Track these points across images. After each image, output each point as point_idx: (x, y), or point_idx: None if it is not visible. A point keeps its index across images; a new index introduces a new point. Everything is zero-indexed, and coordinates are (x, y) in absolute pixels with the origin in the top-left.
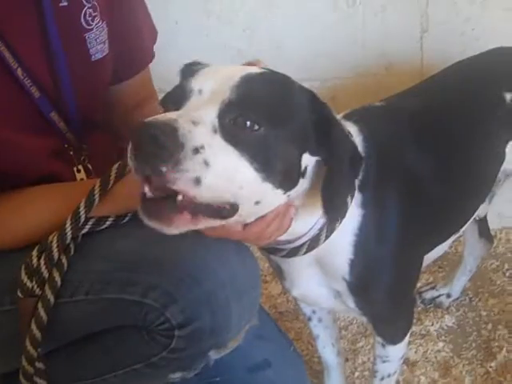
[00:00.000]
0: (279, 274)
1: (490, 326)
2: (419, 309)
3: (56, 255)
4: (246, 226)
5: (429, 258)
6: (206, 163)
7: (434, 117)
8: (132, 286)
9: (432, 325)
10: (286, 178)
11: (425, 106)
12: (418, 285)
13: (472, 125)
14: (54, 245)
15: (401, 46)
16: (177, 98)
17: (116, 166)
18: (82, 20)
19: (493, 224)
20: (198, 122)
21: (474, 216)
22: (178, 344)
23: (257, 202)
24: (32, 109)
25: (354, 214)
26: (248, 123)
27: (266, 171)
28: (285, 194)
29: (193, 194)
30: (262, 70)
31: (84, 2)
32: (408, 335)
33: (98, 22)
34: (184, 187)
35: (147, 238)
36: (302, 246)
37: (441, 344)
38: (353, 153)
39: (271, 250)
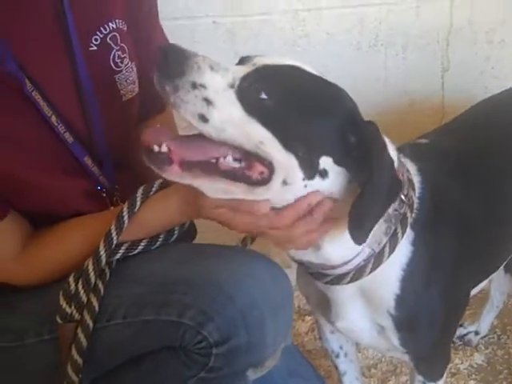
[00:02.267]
0: (323, 305)
1: None
2: None
3: (93, 279)
4: (275, 212)
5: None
6: (208, 102)
7: (478, 155)
8: (167, 306)
9: (462, 363)
10: (302, 159)
11: (467, 144)
12: None
13: (509, 161)
14: (90, 268)
15: (422, 85)
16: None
17: (142, 188)
18: (112, 63)
19: None
20: (217, 69)
21: None
22: (216, 363)
23: (284, 182)
24: (66, 154)
25: (404, 250)
26: (262, 93)
27: (278, 136)
28: (304, 180)
29: (201, 129)
30: (318, 74)
31: (112, 45)
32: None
33: (127, 63)
34: (190, 118)
35: (178, 259)
36: (346, 274)
37: (472, 382)
38: (392, 181)
39: (316, 275)
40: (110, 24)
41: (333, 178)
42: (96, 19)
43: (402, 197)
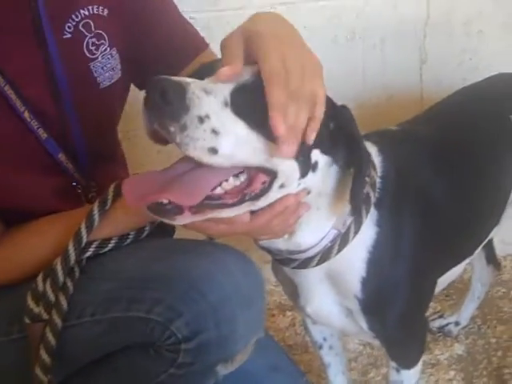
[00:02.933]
0: (294, 292)
1: (500, 353)
2: (428, 338)
3: (61, 278)
4: (252, 216)
5: (443, 281)
6: (216, 132)
7: (446, 141)
8: (137, 303)
9: (442, 354)
10: (301, 161)
11: (438, 131)
12: (426, 314)
13: (483, 148)
14: (59, 268)
15: (400, 78)
16: (204, 72)
17: (113, 185)
18: (85, 50)
19: (497, 251)
20: (210, 92)
21: (487, 238)
22: (185, 358)
23: (282, 185)
24: (39, 150)
25: (368, 230)
26: (258, 104)
27: None
28: (299, 179)
29: (211, 162)
30: None
31: (85, 32)
32: (421, 360)
33: (105, 50)
34: (199, 154)
35: (149, 255)
36: (314, 257)
37: (452, 373)
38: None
39: (284, 261)
40: (81, 11)
41: (321, 170)
42: (68, 6)
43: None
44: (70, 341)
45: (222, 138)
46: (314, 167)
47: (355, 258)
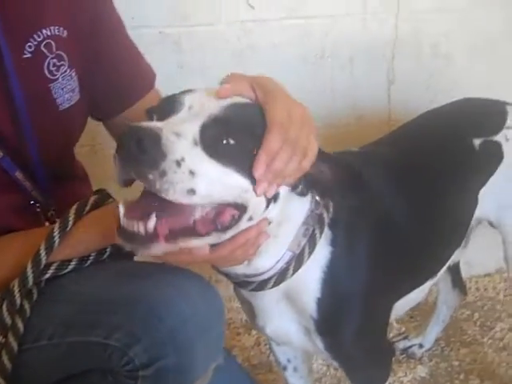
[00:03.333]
0: (251, 312)
1: (462, 376)
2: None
3: (18, 301)
4: (213, 248)
5: (407, 303)
6: (192, 173)
7: (407, 163)
8: (95, 328)
9: (405, 375)
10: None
11: (399, 153)
12: (391, 335)
13: (445, 171)
14: (16, 290)
15: (369, 98)
16: (166, 110)
17: (75, 207)
18: (46, 71)
19: (462, 273)
20: (181, 134)
21: (449, 261)
22: None
23: (250, 218)
24: None
25: (323, 250)
26: (226, 141)
27: (253, 179)
28: (264, 210)
29: (190, 203)
30: (253, 102)
31: (47, 52)
32: None
33: (65, 71)
34: (178, 197)
35: (110, 278)
36: (270, 278)
37: None
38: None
39: (241, 284)
40: (43, 31)
41: (281, 199)
42: (29, 26)
43: (317, 198)
44: (26, 364)
45: (198, 178)
46: (275, 198)
47: (310, 278)
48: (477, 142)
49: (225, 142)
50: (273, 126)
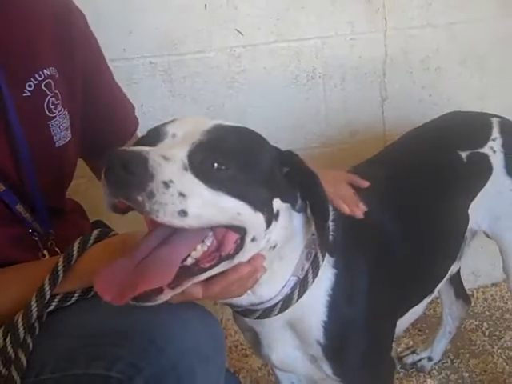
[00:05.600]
0: (256, 341)
1: None
2: (401, 374)
3: (22, 335)
4: (206, 286)
5: (406, 321)
6: (183, 195)
7: (399, 181)
8: (97, 360)
9: None
10: (266, 212)
11: (390, 171)
12: (399, 350)
13: (436, 185)
14: (20, 323)
15: (363, 115)
16: (150, 140)
17: (78, 240)
18: (46, 109)
19: (469, 283)
20: (169, 158)
21: (446, 276)
22: None
23: (253, 239)
24: None
25: (327, 273)
26: (215, 164)
27: (247, 200)
28: (265, 230)
29: (182, 225)
30: (235, 124)
31: (47, 91)
32: None
33: (61, 110)
34: (169, 219)
35: (110, 310)
36: (275, 305)
37: None
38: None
39: (245, 312)
40: (44, 71)
41: (282, 217)
42: (29, 65)
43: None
44: None
45: (189, 199)
46: (276, 217)
47: (315, 302)
48: (463, 154)
49: (215, 166)
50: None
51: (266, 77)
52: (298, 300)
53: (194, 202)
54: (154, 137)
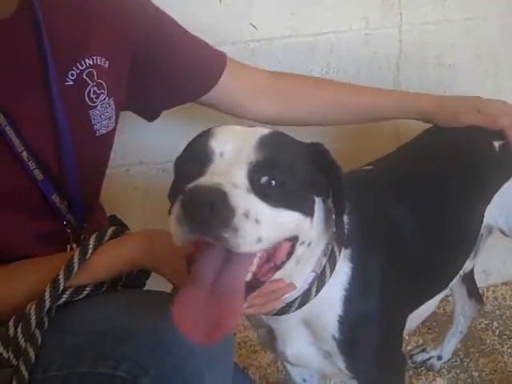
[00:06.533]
0: (271, 338)
1: None
2: (410, 372)
3: (33, 325)
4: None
5: (419, 316)
6: (258, 222)
7: (416, 177)
8: (104, 358)
9: None
10: (311, 214)
11: (406, 168)
12: (408, 347)
13: (462, 175)
14: (33, 313)
15: None
16: (198, 161)
17: (94, 235)
18: (86, 98)
19: (479, 282)
20: (238, 185)
21: (461, 271)
22: None
23: (302, 243)
24: (33, 191)
25: (343, 267)
26: (273, 182)
27: (301, 210)
28: (310, 227)
29: (257, 250)
30: (271, 130)
31: (89, 80)
32: None
33: (104, 99)
34: (248, 249)
35: (119, 307)
36: (293, 301)
37: None
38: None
39: None
40: (86, 60)
41: (316, 212)
42: (73, 55)
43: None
44: None
45: (261, 224)
46: (312, 213)
47: (332, 296)
48: (497, 144)
49: (273, 183)
50: None
51: (280, 70)
52: (315, 295)
53: (265, 226)
54: (201, 156)
